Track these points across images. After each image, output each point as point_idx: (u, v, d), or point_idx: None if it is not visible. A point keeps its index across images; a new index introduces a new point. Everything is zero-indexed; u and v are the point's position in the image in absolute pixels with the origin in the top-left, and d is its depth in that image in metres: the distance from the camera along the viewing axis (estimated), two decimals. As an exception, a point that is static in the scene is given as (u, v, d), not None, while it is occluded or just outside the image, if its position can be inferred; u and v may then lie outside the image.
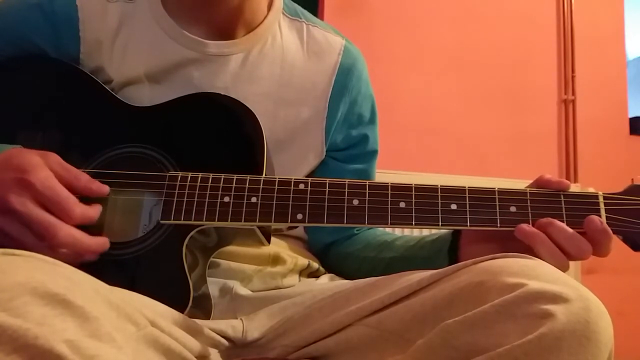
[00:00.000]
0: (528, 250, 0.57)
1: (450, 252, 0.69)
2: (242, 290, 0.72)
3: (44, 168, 0.56)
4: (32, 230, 0.54)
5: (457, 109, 2.01)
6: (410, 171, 1.79)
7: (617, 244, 0.62)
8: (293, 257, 0.79)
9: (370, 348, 0.56)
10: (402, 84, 1.96)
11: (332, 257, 0.87)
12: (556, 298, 0.45)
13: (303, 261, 0.80)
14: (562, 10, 2.18)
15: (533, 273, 0.48)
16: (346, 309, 0.59)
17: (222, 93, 0.71)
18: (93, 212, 0.59)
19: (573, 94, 2.14)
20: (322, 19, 1.65)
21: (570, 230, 0.59)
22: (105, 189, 0.62)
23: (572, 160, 2.10)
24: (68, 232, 0.54)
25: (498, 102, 2.07)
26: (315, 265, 0.82)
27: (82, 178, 0.60)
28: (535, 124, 2.10)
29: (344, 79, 0.84)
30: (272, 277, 0.75)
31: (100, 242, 0.58)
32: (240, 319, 0.67)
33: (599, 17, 2.23)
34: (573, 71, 2.15)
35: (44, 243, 0.54)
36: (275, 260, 0.76)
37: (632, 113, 2.25)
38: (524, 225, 0.60)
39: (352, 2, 1.94)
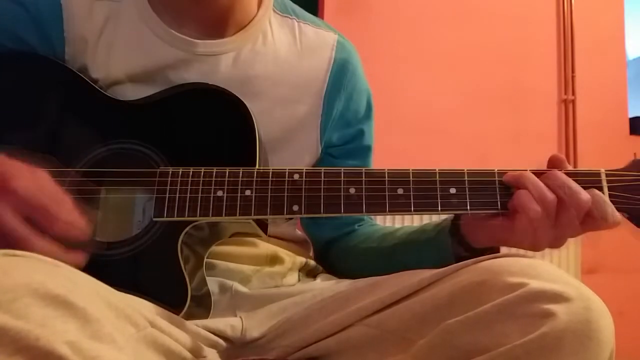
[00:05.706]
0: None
1: (452, 230, 0.68)
2: (242, 287, 0.72)
3: (28, 176, 0.53)
4: (5, 241, 0.50)
5: (457, 109, 2.01)
6: (410, 171, 1.79)
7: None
8: (291, 255, 0.78)
9: (370, 348, 0.56)
10: (402, 84, 1.95)
11: (333, 253, 0.86)
12: (557, 297, 0.45)
13: (301, 259, 0.80)
14: (562, 10, 2.18)
15: (534, 272, 0.48)
16: (346, 309, 0.59)
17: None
18: (80, 219, 0.54)
19: (573, 94, 2.14)
20: (322, 19, 1.65)
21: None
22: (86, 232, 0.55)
23: (572, 160, 2.10)
24: (42, 248, 0.51)
25: (498, 101, 2.07)
26: (312, 262, 0.82)
27: (65, 207, 0.54)
28: (535, 123, 2.10)
29: (339, 75, 0.82)
30: (270, 277, 0.75)
31: (76, 259, 0.54)
32: (240, 317, 0.67)
33: (599, 17, 2.23)
34: (573, 71, 2.15)
35: None
36: (274, 260, 0.76)
37: (632, 113, 2.25)
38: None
39: (352, 2, 1.94)
